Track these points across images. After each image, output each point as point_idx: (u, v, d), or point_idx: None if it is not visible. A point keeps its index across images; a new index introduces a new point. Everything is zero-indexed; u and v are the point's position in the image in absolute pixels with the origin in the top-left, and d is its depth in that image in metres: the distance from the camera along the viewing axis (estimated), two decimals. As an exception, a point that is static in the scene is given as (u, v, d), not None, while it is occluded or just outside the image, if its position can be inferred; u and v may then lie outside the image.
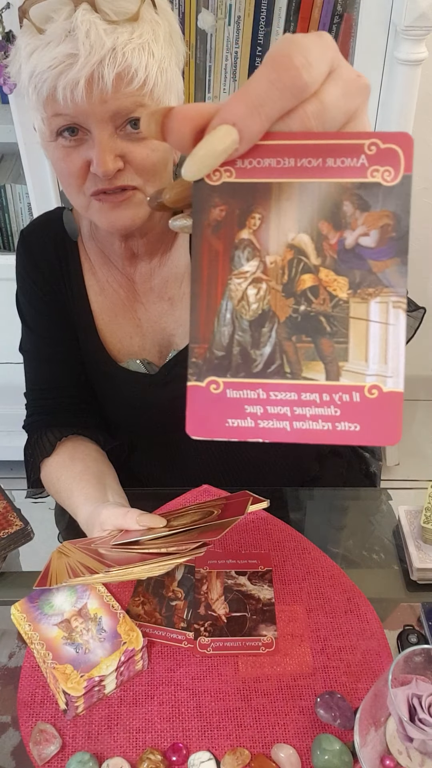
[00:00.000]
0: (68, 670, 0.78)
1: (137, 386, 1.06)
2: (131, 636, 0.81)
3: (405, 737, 0.64)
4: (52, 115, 0.84)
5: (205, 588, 0.89)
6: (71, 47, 0.78)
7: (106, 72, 0.79)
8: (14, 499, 1.01)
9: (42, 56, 0.80)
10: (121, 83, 0.80)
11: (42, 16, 0.81)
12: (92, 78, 0.79)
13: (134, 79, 0.81)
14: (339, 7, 1.46)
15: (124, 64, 0.79)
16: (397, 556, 0.97)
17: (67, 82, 0.79)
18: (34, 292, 1.08)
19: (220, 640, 0.84)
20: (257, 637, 0.84)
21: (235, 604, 0.88)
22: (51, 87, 0.81)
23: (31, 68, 0.82)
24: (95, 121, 0.82)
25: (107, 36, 0.78)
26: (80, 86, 0.79)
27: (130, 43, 0.80)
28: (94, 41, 0.78)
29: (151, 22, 0.82)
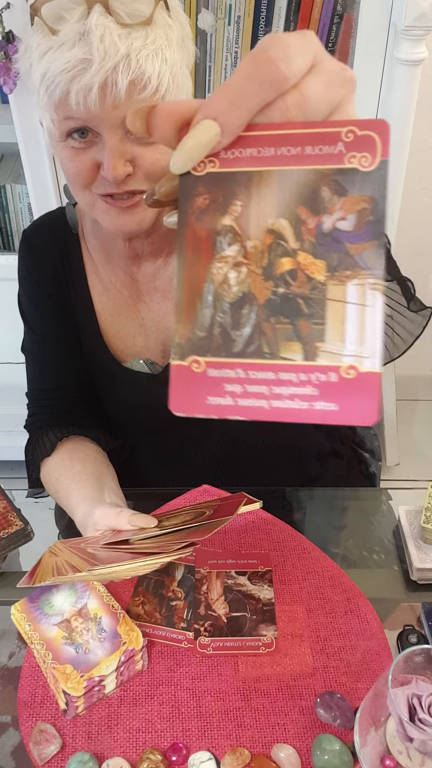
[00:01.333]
0: (68, 670, 0.78)
1: (140, 386, 1.06)
2: (131, 636, 0.81)
3: (405, 737, 0.64)
4: (64, 118, 0.83)
5: (205, 588, 0.89)
6: (85, 51, 0.78)
7: (120, 78, 0.78)
8: (14, 499, 1.01)
9: (55, 59, 0.79)
10: (134, 90, 0.80)
11: (54, 15, 0.80)
12: (106, 84, 0.79)
13: (147, 86, 0.81)
14: (339, 7, 1.46)
15: (137, 71, 0.79)
16: (397, 556, 0.97)
17: (80, 88, 0.79)
18: (36, 292, 1.08)
19: (220, 640, 0.84)
20: (257, 637, 0.84)
21: (235, 604, 0.88)
22: (64, 91, 0.80)
23: (44, 70, 0.81)
24: (107, 126, 0.82)
25: (121, 42, 0.78)
26: (93, 92, 0.79)
27: (144, 49, 0.79)
28: (109, 46, 0.77)
29: (164, 26, 0.82)
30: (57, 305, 1.07)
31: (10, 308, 1.72)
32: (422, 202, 1.90)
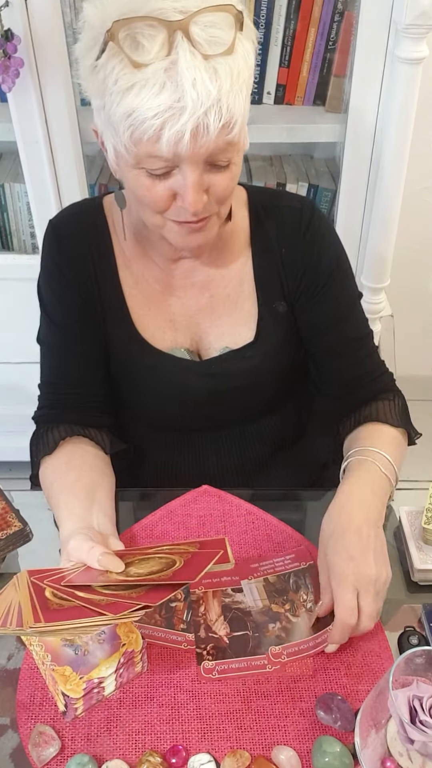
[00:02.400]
0: (67, 671, 0.77)
1: (184, 373, 1.06)
2: (130, 638, 0.80)
3: (406, 739, 0.63)
4: (146, 155, 0.83)
5: (203, 609, 0.87)
6: (177, 98, 0.78)
7: (212, 123, 0.79)
8: (13, 500, 1.01)
9: (143, 100, 0.79)
10: (223, 132, 0.81)
11: (132, 42, 0.79)
12: (197, 129, 0.80)
13: (234, 127, 0.82)
14: (339, 6, 1.45)
15: (227, 116, 0.80)
16: (398, 557, 0.96)
17: (172, 134, 0.79)
18: (61, 285, 1.06)
19: (225, 663, 0.82)
20: (262, 656, 0.82)
21: (235, 623, 0.86)
22: (153, 135, 0.80)
23: (130, 109, 0.80)
24: (190, 162, 0.83)
25: (212, 84, 0.78)
26: (186, 137, 0.79)
27: (231, 91, 0.80)
28: (201, 91, 0.77)
29: (243, 54, 0.82)
30: (82, 299, 1.06)
31: (10, 308, 1.72)
32: (423, 201, 1.89)
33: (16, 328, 1.72)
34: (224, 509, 1.00)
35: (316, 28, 1.48)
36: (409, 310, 1.91)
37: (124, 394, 1.11)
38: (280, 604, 0.88)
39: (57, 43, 1.35)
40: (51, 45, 1.34)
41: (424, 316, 2.08)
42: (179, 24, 0.78)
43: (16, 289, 1.68)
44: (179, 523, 0.98)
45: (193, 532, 0.97)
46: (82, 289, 1.05)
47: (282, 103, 1.58)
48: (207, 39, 0.79)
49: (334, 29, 1.48)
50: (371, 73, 1.42)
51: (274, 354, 1.07)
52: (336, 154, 1.67)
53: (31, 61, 1.34)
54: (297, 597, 0.88)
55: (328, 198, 1.68)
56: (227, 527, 0.98)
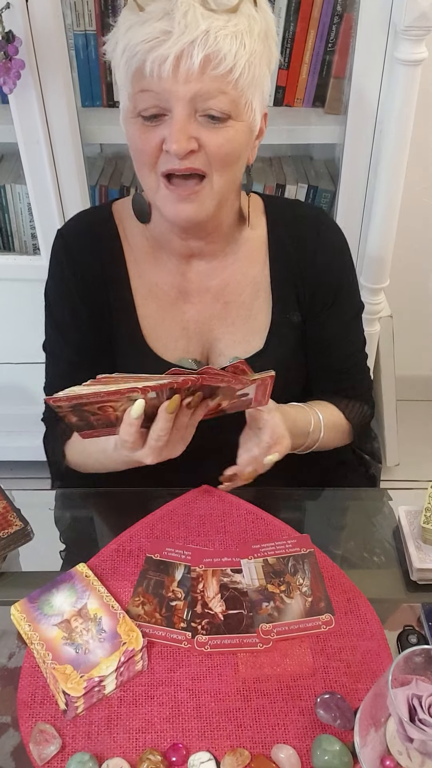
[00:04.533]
0: (68, 670, 0.78)
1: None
2: (131, 636, 0.80)
3: (405, 738, 0.63)
4: (138, 91, 0.86)
5: (201, 587, 0.90)
6: (167, 25, 0.82)
7: (196, 52, 0.81)
8: (14, 500, 1.01)
9: (137, 31, 0.83)
10: (207, 65, 0.83)
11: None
12: (181, 56, 0.82)
13: (221, 64, 0.83)
14: (339, 7, 1.46)
15: (214, 47, 0.82)
16: (397, 557, 0.97)
17: (156, 57, 0.82)
18: (70, 298, 1.06)
19: (218, 638, 0.84)
20: (254, 633, 0.84)
21: (231, 602, 0.88)
22: (141, 60, 0.83)
23: (126, 42, 0.85)
24: (176, 99, 0.84)
25: (203, 19, 0.81)
26: (168, 62, 0.82)
27: (224, 29, 0.82)
28: (190, 21, 0.81)
29: (248, 16, 0.85)
30: (91, 312, 1.06)
31: (10, 309, 1.72)
32: (422, 202, 1.89)
33: (17, 329, 1.72)
34: (224, 509, 1.01)
35: (316, 30, 1.48)
36: (408, 310, 1.91)
37: None
38: (276, 584, 0.89)
39: (58, 44, 1.35)
40: (52, 47, 1.35)
41: (424, 317, 2.08)
42: None
43: (17, 289, 1.69)
44: (179, 523, 0.99)
45: (193, 531, 0.97)
46: (91, 303, 1.05)
47: (281, 105, 1.58)
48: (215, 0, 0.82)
49: (334, 31, 1.48)
50: (371, 74, 1.43)
51: (283, 364, 1.06)
52: (335, 156, 1.67)
53: (32, 62, 1.35)
54: (293, 580, 0.90)
55: (328, 199, 1.68)
56: (227, 527, 0.98)
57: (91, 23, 1.46)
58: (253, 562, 0.92)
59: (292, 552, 0.94)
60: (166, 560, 0.93)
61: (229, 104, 0.86)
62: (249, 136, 0.93)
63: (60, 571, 0.90)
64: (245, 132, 0.91)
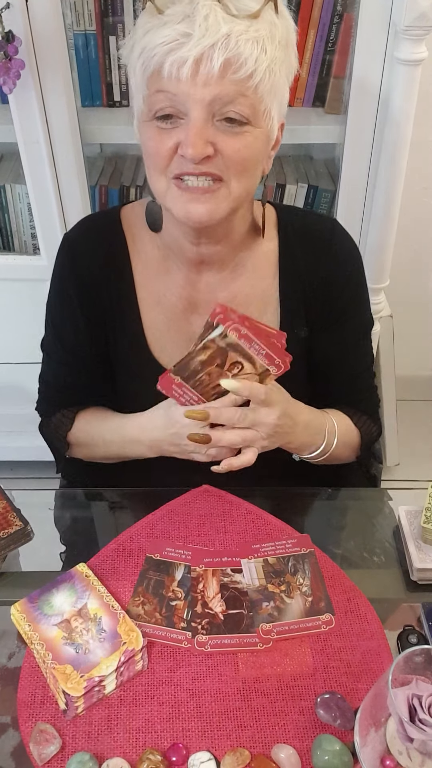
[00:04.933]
0: (68, 670, 0.78)
1: None
2: (131, 636, 0.80)
3: (405, 737, 0.63)
4: (154, 92, 0.85)
5: (201, 586, 0.89)
6: (187, 27, 0.80)
7: (216, 55, 0.80)
8: (14, 499, 1.01)
9: (156, 34, 0.82)
10: (228, 69, 0.81)
11: (166, 1, 0.83)
12: (201, 59, 0.80)
13: (241, 68, 0.82)
14: (339, 7, 1.46)
15: (234, 51, 0.81)
16: (397, 557, 0.97)
17: (175, 59, 0.81)
18: (69, 301, 1.05)
19: (218, 638, 0.84)
20: (254, 633, 0.84)
21: (231, 602, 0.88)
22: (159, 62, 0.82)
23: (144, 44, 0.83)
24: (193, 102, 0.83)
25: (224, 23, 0.80)
26: (188, 64, 0.80)
27: (245, 34, 0.81)
28: (211, 25, 0.80)
29: (270, 22, 0.84)
30: (90, 319, 1.05)
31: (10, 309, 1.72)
32: (422, 202, 1.89)
33: (17, 329, 1.72)
34: (224, 509, 1.01)
35: (316, 30, 1.48)
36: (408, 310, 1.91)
37: (131, 408, 1.10)
38: (276, 584, 0.89)
39: (58, 44, 1.35)
40: (52, 47, 1.35)
41: (424, 316, 2.08)
42: None
43: (17, 289, 1.69)
44: (179, 523, 0.99)
45: (193, 531, 0.97)
46: (91, 309, 1.05)
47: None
48: (236, 5, 0.82)
49: (334, 31, 1.48)
50: (371, 74, 1.43)
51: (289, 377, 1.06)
52: (335, 155, 1.67)
53: (32, 62, 1.35)
54: (293, 580, 0.90)
55: (328, 199, 1.68)
56: (227, 527, 0.98)
57: (91, 23, 1.47)
58: (253, 562, 0.92)
59: (292, 552, 0.94)
60: (166, 560, 0.93)
61: (248, 109, 0.85)
62: (266, 144, 0.91)
63: (60, 571, 0.90)
64: (263, 139, 0.89)
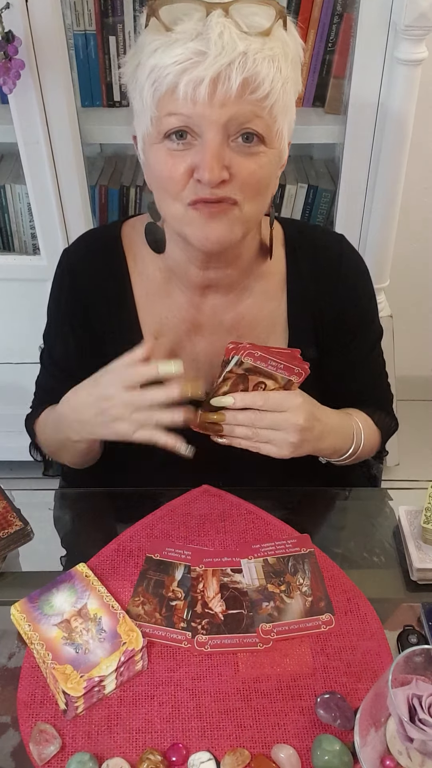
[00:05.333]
0: (68, 670, 0.78)
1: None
2: (131, 636, 0.80)
3: (405, 737, 0.64)
4: (165, 114, 0.81)
5: (201, 586, 0.89)
6: (201, 45, 0.77)
7: (234, 75, 0.77)
8: (14, 500, 1.01)
9: (167, 52, 0.78)
10: (246, 89, 0.79)
11: (172, 17, 0.80)
12: (218, 78, 0.77)
13: (259, 88, 0.79)
14: (339, 7, 1.46)
15: (253, 70, 0.78)
16: (397, 557, 0.97)
17: (191, 79, 0.77)
18: (66, 321, 1.04)
19: (218, 638, 0.84)
20: (254, 633, 0.84)
21: (231, 602, 0.88)
22: (172, 83, 0.79)
23: (153, 63, 0.80)
24: (209, 123, 0.80)
25: (240, 41, 0.77)
26: (204, 84, 0.77)
27: (261, 52, 0.78)
28: (227, 42, 0.76)
29: (281, 40, 0.82)
30: (84, 338, 1.04)
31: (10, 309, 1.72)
32: (422, 201, 1.89)
33: (17, 329, 1.73)
34: (224, 509, 1.01)
35: (316, 30, 1.48)
36: (408, 310, 1.91)
37: None
38: (276, 584, 0.89)
39: (57, 44, 1.35)
40: (51, 47, 1.35)
41: (424, 317, 2.08)
42: (220, 5, 0.78)
43: (17, 289, 1.69)
44: (179, 523, 0.99)
45: (193, 531, 0.97)
46: (91, 330, 1.04)
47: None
48: (246, 22, 0.79)
49: (334, 31, 1.48)
50: (371, 74, 1.43)
51: None
52: (335, 155, 1.67)
53: (32, 62, 1.35)
54: (293, 580, 0.90)
55: (328, 199, 1.69)
56: (227, 527, 0.98)
57: (91, 23, 1.47)
58: (253, 562, 0.92)
59: (292, 552, 0.94)
60: (166, 560, 0.93)
61: (263, 129, 0.83)
62: (278, 165, 0.89)
63: (60, 571, 0.90)
64: (275, 160, 0.87)
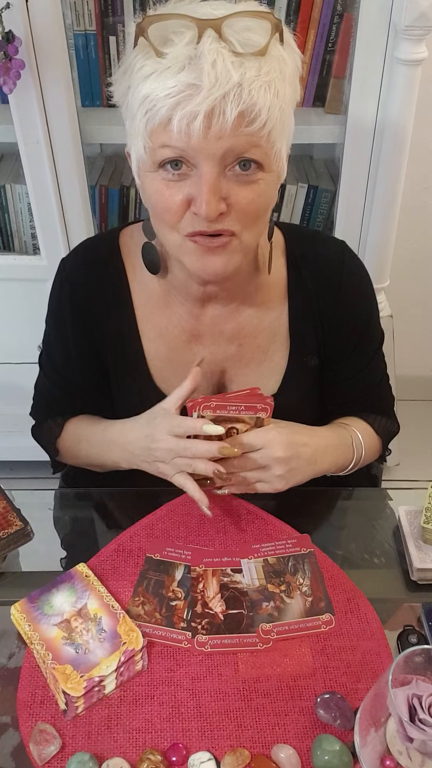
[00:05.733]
0: (68, 670, 0.78)
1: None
2: (131, 636, 0.81)
3: (405, 737, 0.64)
4: (159, 146, 0.79)
5: (201, 586, 0.89)
6: (194, 77, 0.74)
7: (229, 108, 0.74)
8: (14, 499, 1.01)
9: (159, 82, 0.75)
10: (242, 122, 0.76)
11: (161, 37, 0.77)
12: (212, 113, 0.75)
13: (256, 120, 0.77)
14: (339, 7, 1.46)
15: (249, 102, 0.75)
16: (397, 557, 0.97)
17: (184, 114, 0.75)
18: (65, 331, 1.04)
19: (218, 638, 0.84)
20: (254, 633, 0.84)
21: (231, 602, 0.88)
22: (165, 117, 0.76)
23: (146, 93, 0.77)
24: (205, 157, 0.78)
25: (234, 69, 0.74)
26: (198, 120, 0.75)
27: (257, 80, 0.75)
28: (220, 73, 0.73)
29: (278, 59, 0.78)
30: (88, 348, 1.04)
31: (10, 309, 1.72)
32: (422, 201, 1.89)
33: (17, 329, 1.73)
34: (224, 509, 1.01)
35: (316, 30, 1.48)
36: (408, 310, 1.91)
37: None
38: (276, 584, 0.90)
39: (58, 44, 1.35)
40: (52, 47, 1.35)
41: (424, 317, 2.08)
42: (212, 23, 0.75)
43: (17, 289, 1.69)
44: (179, 523, 0.99)
45: (193, 532, 0.97)
46: (89, 340, 1.04)
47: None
48: (239, 40, 0.76)
49: (334, 31, 1.48)
50: (371, 74, 1.43)
51: (298, 407, 1.03)
52: (335, 156, 1.67)
53: (32, 62, 1.35)
54: (293, 580, 0.90)
55: (328, 199, 1.69)
56: (227, 527, 0.98)
57: (91, 23, 1.47)
58: (253, 562, 0.92)
59: (292, 552, 0.94)
60: (166, 560, 0.93)
61: (261, 156, 0.80)
62: (277, 185, 0.88)
63: (60, 571, 0.90)
64: (274, 183, 0.86)
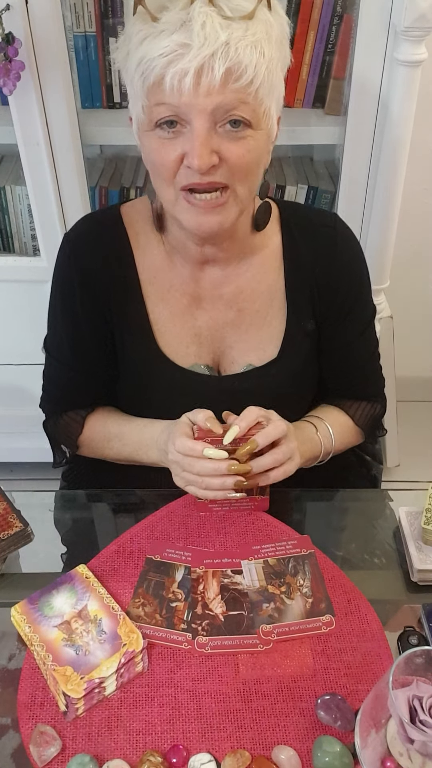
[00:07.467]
0: (68, 671, 0.78)
1: (204, 390, 1.05)
2: (131, 638, 0.80)
3: (406, 739, 0.63)
4: (155, 104, 0.85)
5: (202, 588, 0.89)
6: (185, 37, 0.80)
7: (217, 65, 0.80)
8: (14, 501, 1.01)
9: (153, 44, 0.82)
10: (229, 78, 0.82)
11: (157, 4, 0.83)
12: (202, 69, 0.80)
13: (243, 76, 0.82)
14: (339, 8, 1.46)
15: (235, 60, 0.81)
16: (397, 558, 0.96)
17: (176, 71, 0.81)
18: (74, 303, 1.05)
19: (218, 639, 0.84)
20: (254, 635, 0.84)
21: (231, 603, 0.88)
22: (159, 75, 0.82)
23: (141, 55, 0.83)
24: (197, 112, 0.83)
25: (222, 30, 0.80)
26: (189, 76, 0.80)
27: (243, 39, 0.81)
28: (209, 33, 0.79)
29: (265, 22, 0.84)
30: (96, 319, 1.05)
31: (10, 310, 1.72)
32: (422, 202, 1.89)
33: (17, 330, 1.73)
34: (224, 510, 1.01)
35: (315, 31, 1.48)
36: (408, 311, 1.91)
37: (137, 408, 1.10)
38: (276, 585, 0.90)
39: (58, 46, 1.35)
40: (52, 48, 1.35)
41: (424, 317, 2.08)
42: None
43: (17, 291, 1.69)
44: (179, 523, 0.98)
45: (193, 533, 0.97)
46: (96, 309, 1.05)
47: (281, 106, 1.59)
48: (229, 6, 0.82)
49: (334, 32, 1.48)
50: (370, 75, 1.43)
51: (298, 372, 1.07)
52: (335, 156, 1.67)
53: (32, 64, 1.35)
54: (294, 581, 0.90)
55: (328, 200, 1.68)
56: (227, 527, 0.98)
57: (91, 24, 1.47)
58: (253, 563, 0.92)
59: (292, 553, 0.94)
60: (166, 561, 0.93)
61: (250, 113, 0.86)
62: (267, 143, 0.92)
63: (60, 573, 0.90)
64: (264, 140, 0.90)
